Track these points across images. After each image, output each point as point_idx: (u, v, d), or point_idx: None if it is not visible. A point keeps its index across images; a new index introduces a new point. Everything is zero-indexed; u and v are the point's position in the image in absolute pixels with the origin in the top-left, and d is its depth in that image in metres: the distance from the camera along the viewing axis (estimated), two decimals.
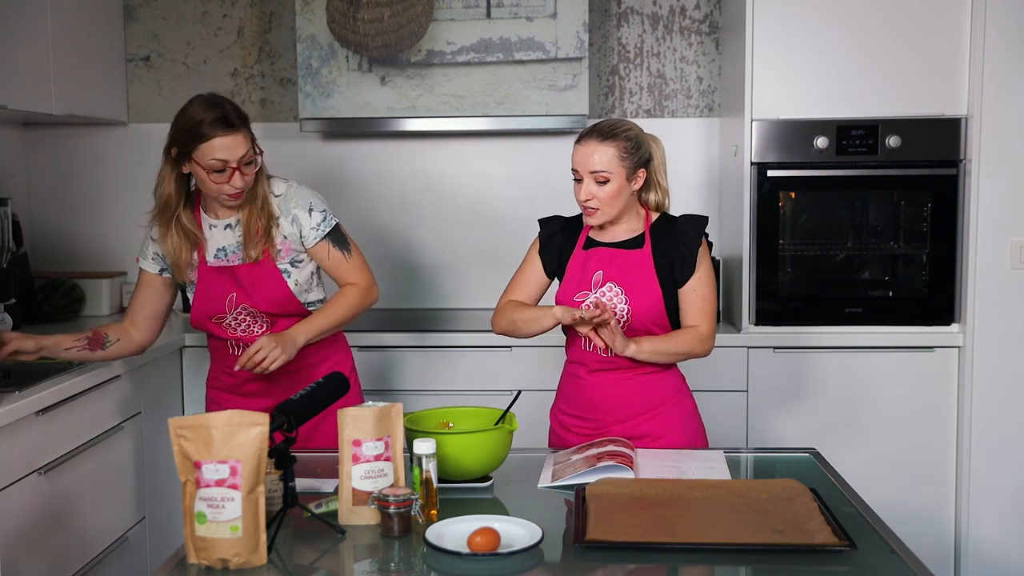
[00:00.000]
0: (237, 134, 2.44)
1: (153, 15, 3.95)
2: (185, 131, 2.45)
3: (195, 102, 2.48)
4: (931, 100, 3.37)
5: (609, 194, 2.37)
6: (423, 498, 1.86)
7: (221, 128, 2.42)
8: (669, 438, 2.43)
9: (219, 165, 2.43)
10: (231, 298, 2.57)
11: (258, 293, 2.56)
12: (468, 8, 3.55)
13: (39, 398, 2.54)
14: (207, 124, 2.42)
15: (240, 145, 2.44)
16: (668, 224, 2.47)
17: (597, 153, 2.36)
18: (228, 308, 2.57)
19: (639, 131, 2.43)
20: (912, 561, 1.69)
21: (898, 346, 3.41)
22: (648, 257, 2.42)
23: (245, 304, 2.57)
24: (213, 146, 2.42)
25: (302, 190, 2.61)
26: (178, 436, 1.68)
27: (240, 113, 2.49)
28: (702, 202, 3.87)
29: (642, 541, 1.73)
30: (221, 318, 2.59)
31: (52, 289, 3.73)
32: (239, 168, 2.45)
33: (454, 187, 3.94)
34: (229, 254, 2.57)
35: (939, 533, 3.43)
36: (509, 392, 2.39)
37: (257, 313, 2.58)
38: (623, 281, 2.41)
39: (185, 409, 3.46)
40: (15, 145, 3.92)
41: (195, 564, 1.69)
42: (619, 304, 2.40)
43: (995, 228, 3.34)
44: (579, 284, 2.45)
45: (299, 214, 2.58)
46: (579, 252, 2.48)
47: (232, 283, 2.57)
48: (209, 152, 2.42)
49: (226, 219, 2.57)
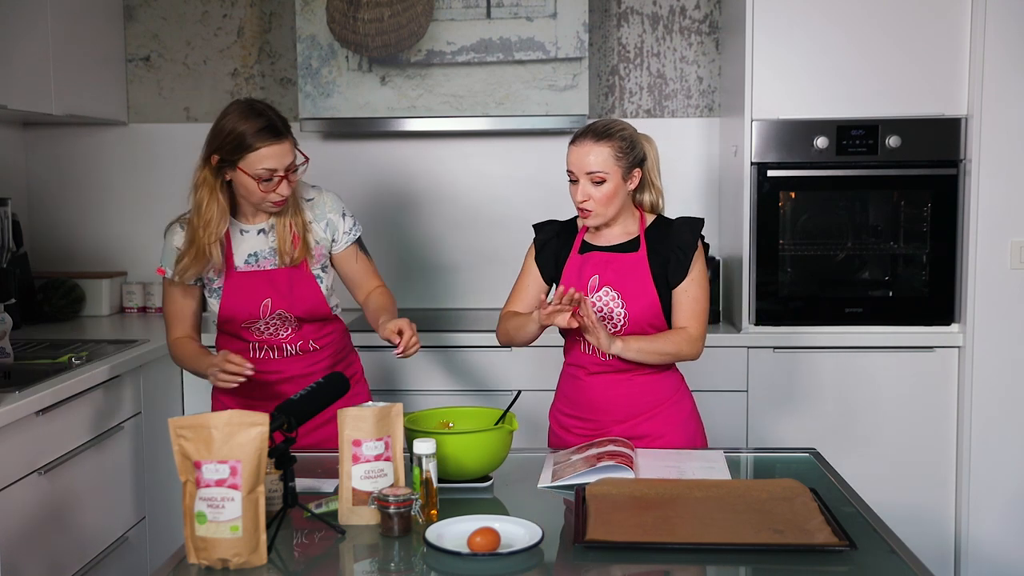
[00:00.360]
0: (284, 142, 2.42)
1: (153, 15, 3.95)
2: (230, 140, 2.40)
3: (235, 110, 2.44)
4: (931, 100, 3.37)
5: (606, 194, 2.37)
6: (423, 498, 1.86)
7: (269, 137, 2.39)
8: (668, 438, 2.43)
9: (267, 175, 2.40)
10: (266, 304, 2.52)
11: (295, 298, 2.53)
12: (468, 8, 3.55)
13: (39, 398, 2.54)
14: (254, 134, 2.38)
15: (287, 153, 2.42)
16: (664, 227, 2.46)
17: (592, 153, 2.36)
18: (262, 313, 2.53)
19: (633, 131, 2.43)
20: (912, 561, 1.69)
21: (898, 346, 3.41)
22: (644, 260, 2.42)
23: (281, 310, 2.54)
24: (261, 156, 2.39)
25: (332, 195, 2.62)
26: (178, 436, 1.68)
27: (283, 120, 2.46)
28: (702, 202, 3.88)
29: (642, 541, 1.73)
30: (252, 322, 2.54)
31: (52, 289, 3.73)
32: (286, 176, 2.43)
33: (454, 187, 3.94)
34: (261, 259, 2.54)
35: (939, 533, 3.43)
36: (509, 392, 2.40)
37: (290, 318, 2.55)
38: (619, 285, 2.40)
39: (185, 409, 3.46)
40: (15, 145, 3.92)
41: (195, 564, 1.69)
42: (616, 308, 2.39)
43: (995, 228, 3.34)
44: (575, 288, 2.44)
45: (334, 218, 2.59)
46: (575, 256, 2.48)
47: (267, 288, 2.52)
48: (258, 162, 2.39)
49: (258, 224, 2.55)
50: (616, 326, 2.40)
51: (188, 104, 3.98)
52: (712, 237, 3.86)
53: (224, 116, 2.45)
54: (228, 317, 2.55)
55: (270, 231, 2.54)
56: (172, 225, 2.58)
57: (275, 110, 2.47)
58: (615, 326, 2.39)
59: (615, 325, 2.39)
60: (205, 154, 2.45)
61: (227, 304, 2.53)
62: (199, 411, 3.32)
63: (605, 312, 2.40)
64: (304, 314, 2.55)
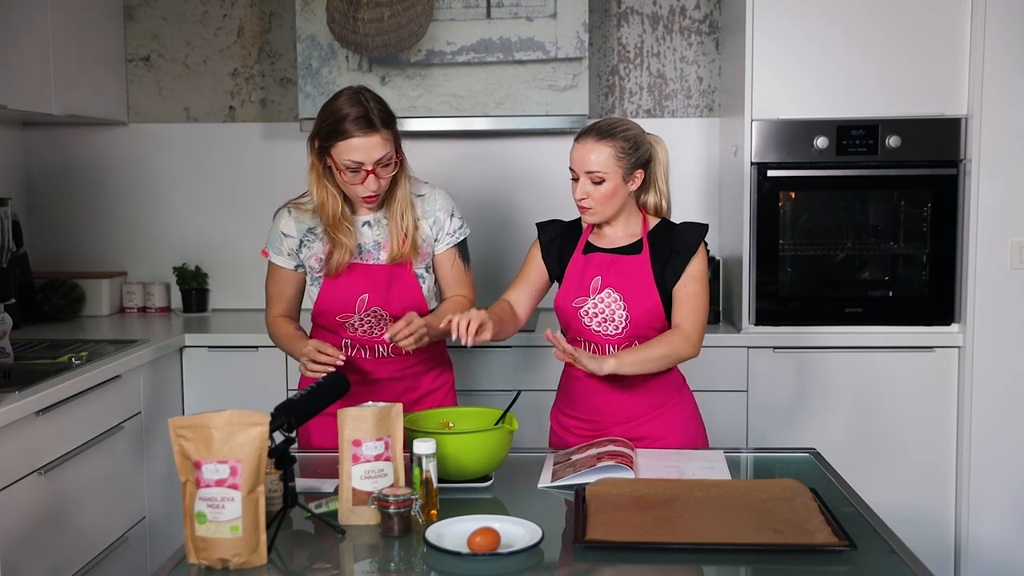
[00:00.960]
0: (376, 135, 2.33)
1: (153, 15, 3.95)
2: (327, 125, 2.35)
3: (342, 94, 2.37)
4: (931, 100, 3.37)
5: (604, 194, 2.36)
6: (423, 498, 1.86)
7: (361, 127, 2.32)
8: (670, 439, 2.43)
9: (354, 166, 2.34)
10: (363, 299, 2.47)
11: (395, 296, 2.48)
12: (468, 8, 3.55)
13: (39, 398, 2.54)
14: (348, 121, 2.32)
15: (377, 147, 2.34)
16: (668, 231, 2.45)
17: (594, 153, 2.35)
18: (358, 308, 2.47)
19: (639, 131, 2.41)
20: (912, 561, 1.69)
21: (898, 346, 3.41)
22: (646, 263, 2.41)
23: (378, 307, 2.48)
24: (350, 146, 2.32)
25: (444, 193, 2.57)
26: (178, 436, 1.68)
27: (385, 114, 2.38)
28: (702, 202, 3.88)
29: (642, 541, 1.73)
30: (347, 317, 2.48)
31: (52, 289, 3.73)
32: (374, 171, 2.35)
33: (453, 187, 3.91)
34: (364, 252, 2.48)
35: (939, 533, 3.43)
36: (509, 392, 2.39)
37: (386, 316, 2.48)
38: (621, 287, 2.40)
39: (185, 409, 3.46)
40: (15, 145, 3.92)
41: (195, 564, 1.69)
42: (618, 310, 2.39)
43: (995, 228, 3.34)
44: (578, 290, 2.44)
45: (441, 216, 2.53)
46: (578, 256, 2.47)
47: (366, 283, 2.47)
48: (345, 152, 2.33)
49: (364, 216, 2.49)
50: (618, 328, 2.39)
51: (188, 104, 3.98)
52: (712, 237, 3.85)
53: (333, 99, 2.39)
54: (323, 309, 2.49)
55: (376, 224, 2.48)
56: (280, 210, 2.53)
57: (382, 103, 2.39)
58: (616, 328, 2.39)
59: (616, 327, 2.39)
60: (310, 135, 2.41)
61: (324, 296, 2.48)
62: (199, 411, 3.32)
63: (607, 314, 2.39)
64: (401, 312, 2.45)
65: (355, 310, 2.47)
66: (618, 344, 2.40)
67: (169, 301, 3.98)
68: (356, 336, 2.50)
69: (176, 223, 4.01)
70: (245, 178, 3.97)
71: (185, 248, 4.01)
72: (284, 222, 2.51)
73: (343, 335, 2.51)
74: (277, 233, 2.52)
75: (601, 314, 2.39)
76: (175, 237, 4.01)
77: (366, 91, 2.40)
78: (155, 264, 4.02)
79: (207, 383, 3.47)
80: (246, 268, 3.93)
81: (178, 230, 4.01)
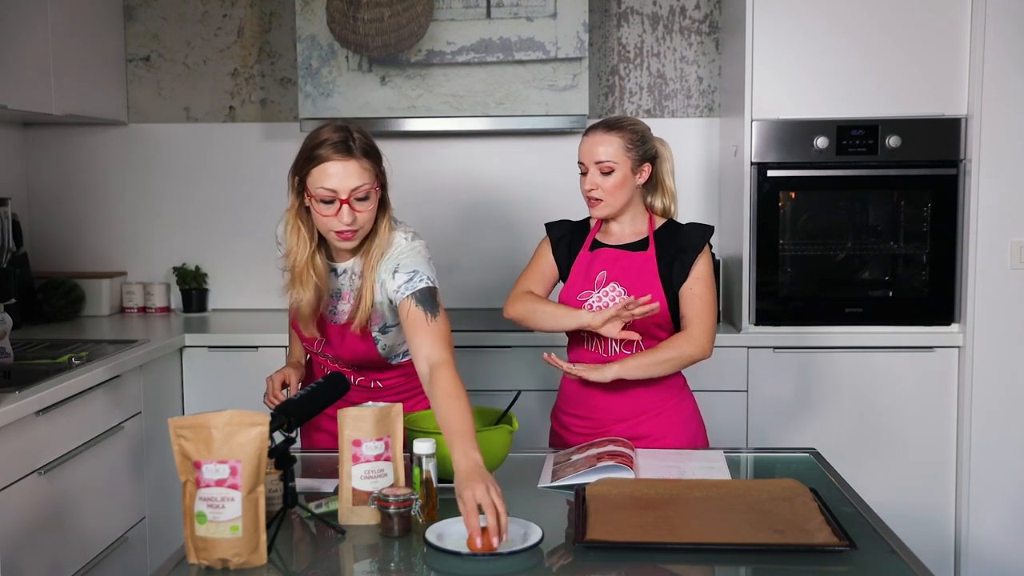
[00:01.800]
0: (352, 160, 2.14)
1: (153, 15, 3.95)
2: (303, 152, 2.19)
3: (326, 125, 2.23)
4: (931, 100, 3.37)
5: (614, 184, 2.38)
6: (423, 498, 1.86)
7: (337, 151, 2.14)
8: (669, 439, 2.43)
9: (328, 195, 2.14)
10: (320, 341, 2.37)
11: (347, 350, 2.35)
12: (468, 8, 3.55)
13: (39, 398, 2.54)
14: (324, 146, 2.15)
15: (353, 175, 2.14)
16: (674, 230, 2.47)
17: (603, 144, 2.38)
18: (316, 347, 2.40)
19: (646, 128, 2.45)
20: (912, 561, 1.69)
21: (898, 346, 3.41)
22: (652, 259, 2.43)
23: (330, 355, 2.39)
24: (324, 171, 2.13)
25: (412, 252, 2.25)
26: (178, 436, 1.68)
27: (367, 145, 2.20)
28: (702, 202, 3.88)
29: (642, 541, 1.73)
30: (310, 346, 2.42)
31: (52, 289, 3.73)
32: (348, 201, 2.14)
33: (454, 187, 3.94)
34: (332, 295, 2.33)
35: (939, 533, 3.43)
36: (509, 392, 2.39)
37: (341, 360, 2.38)
38: (626, 282, 2.41)
39: (185, 409, 3.46)
40: (15, 145, 3.92)
41: (195, 564, 1.69)
42: None
43: (995, 228, 3.34)
44: (583, 284, 2.45)
45: (386, 278, 2.24)
46: (584, 253, 2.50)
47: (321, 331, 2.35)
48: (320, 178, 2.14)
49: (342, 263, 2.31)
50: (622, 323, 2.39)
51: (188, 104, 3.98)
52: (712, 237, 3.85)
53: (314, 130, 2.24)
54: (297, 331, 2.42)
55: (341, 274, 2.32)
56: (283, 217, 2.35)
57: (367, 136, 2.22)
58: (621, 323, 2.38)
59: (621, 322, 2.38)
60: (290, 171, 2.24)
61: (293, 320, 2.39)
62: (199, 411, 3.32)
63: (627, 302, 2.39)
64: (356, 363, 2.38)
65: (314, 349, 2.41)
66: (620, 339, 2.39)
67: (169, 301, 3.98)
68: (326, 362, 2.43)
69: (176, 223, 4.01)
70: (245, 178, 3.97)
71: (185, 248, 4.01)
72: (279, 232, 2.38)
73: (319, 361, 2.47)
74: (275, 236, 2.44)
75: (605, 308, 2.39)
76: (175, 237, 4.01)
77: (354, 125, 2.24)
78: (155, 264, 4.02)
79: (207, 383, 3.47)
80: (246, 268, 3.93)
81: (178, 230, 4.01)
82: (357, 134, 2.19)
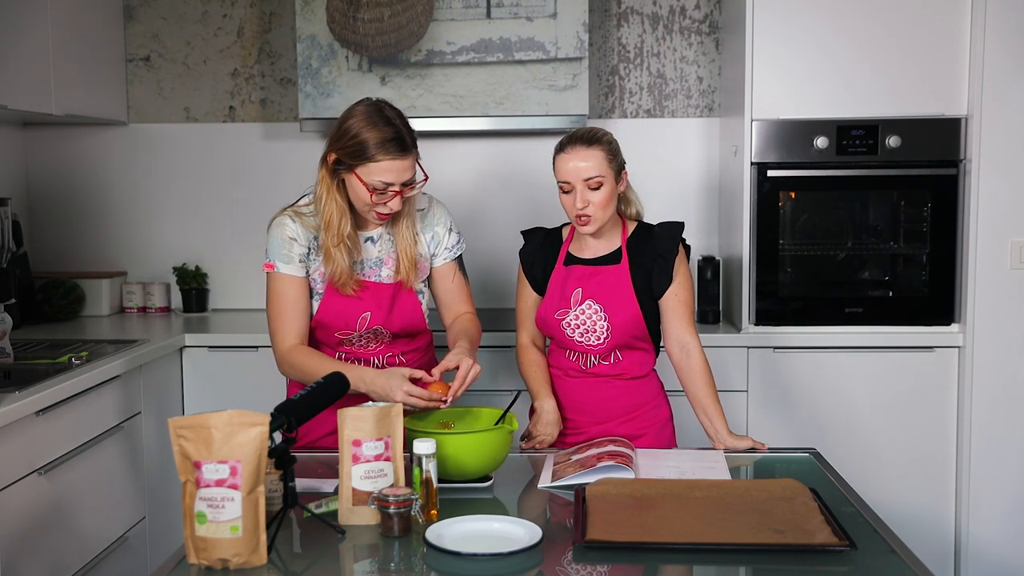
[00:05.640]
0: (408, 158, 2.26)
1: (153, 15, 3.95)
2: (352, 145, 2.24)
3: (363, 112, 2.27)
4: (931, 100, 3.37)
5: (604, 198, 2.38)
6: (423, 498, 1.86)
7: (394, 151, 2.24)
8: (647, 439, 2.48)
9: (382, 187, 2.25)
10: (365, 317, 2.38)
11: (396, 316, 2.40)
12: (468, 8, 3.55)
13: (39, 398, 2.54)
14: (378, 144, 2.23)
15: (408, 169, 2.27)
16: (645, 235, 2.49)
17: (587, 159, 2.37)
18: (359, 326, 2.38)
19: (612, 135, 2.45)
20: (912, 561, 1.69)
21: (898, 346, 3.41)
22: (625, 273, 2.45)
23: (379, 325, 2.40)
24: (381, 167, 2.24)
25: (443, 207, 2.50)
26: (178, 436, 1.68)
27: (412, 132, 2.30)
28: (702, 202, 3.88)
29: (642, 541, 1.73)
30: (347, 334, 2.40)
31: (52, 289, 3.73)
32: (401, 192, 2.28)
33: (454, 187, 3.94)
34: (366, 269, 2.40)
35: (939, 533, 3.43)
36: (509, 392, 2.40)
37: (386, 333, 2.42)
38: (601, 298, 2.44)
39: (185, 409, 3.46)
40: (15, 145, 3.92)
41: (195, 564, 1.69)
42: (599, 321, 2.44)
43: (995, 228, 3.34)
44: (559, 302, 2.48)
45: (440, 231, 2.46)
46: (559, 268, 2.51)
47: (370, 302, 2.38)
48: (376, 173, 2.24)
49: (367, 231, 2.41)
50: (600, 338, 2.44)
51: (188, 104, 3.98)
52: (712, 237, 3.86)
53: (350, 115, 2.28)
54: (322, 324, 2.40)
55: (378, 240, 2.41)
56: (279, 216, 2.39)
57: (404, 118, 2.31)
58: (599, 338, 2.43)
59: (599, 337, 2.43)
60: (325, 150, 2.31)
61: (325, 312, 2.38)
62: (199, 411, 3.32)
63: (588, 325, 2.43)
64: (400, 330, 2.43)
65: (356, 328, 2.39)
66: (600, 353, 2.46)
67: (169, 301, 3.98)
68: (351, 349, 2.44)
69: (176, 223, 4.01)
70: (245, 178, 3.97)
71: (185, 248, 4.01)
72: (290, 228, 2.36)
73: (338, 348, 2.44)
74: (283, 240, 2.36)
75: (583, 325, 2.43)
76: (175, 237, 4.01)
77: (389, 107, 2.30)
78: (155, 264, 4.02)
79: (207, 383, 3.47)
80: (246, 268, 3.93)
81: (178, 230, 4.01)
82: (401, 122, 2.29)
